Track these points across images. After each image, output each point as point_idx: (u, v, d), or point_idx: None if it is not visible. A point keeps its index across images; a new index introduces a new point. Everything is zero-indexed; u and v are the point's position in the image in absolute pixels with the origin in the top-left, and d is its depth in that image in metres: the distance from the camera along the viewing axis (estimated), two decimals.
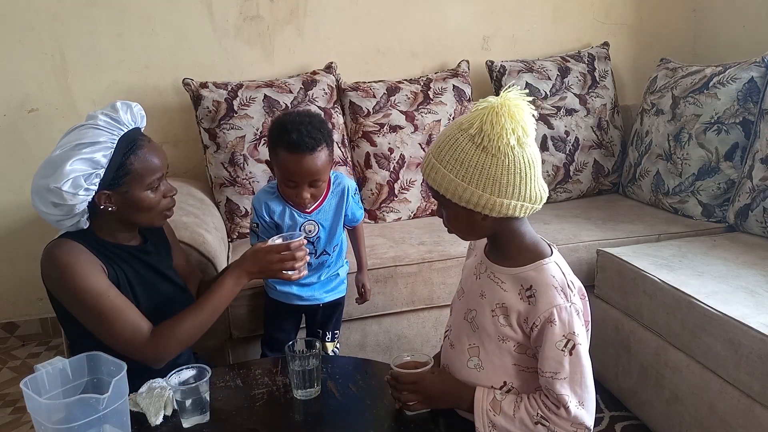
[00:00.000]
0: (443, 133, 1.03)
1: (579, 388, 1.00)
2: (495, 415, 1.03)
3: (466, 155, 0.98)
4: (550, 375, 1.00)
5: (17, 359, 2.49)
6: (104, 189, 1.23)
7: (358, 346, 2.00)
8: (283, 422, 1.16)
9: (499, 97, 0.98)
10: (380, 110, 2.44)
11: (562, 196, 2.62)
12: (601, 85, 2.67)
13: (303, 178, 1.47)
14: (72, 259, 1.21)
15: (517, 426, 1.02)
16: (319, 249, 1.63)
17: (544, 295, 1.00)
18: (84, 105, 2.47)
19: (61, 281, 1.22)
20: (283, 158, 1.47)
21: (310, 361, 1.19)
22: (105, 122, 1.22)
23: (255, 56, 2.57)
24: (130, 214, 1.28)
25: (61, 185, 1.16)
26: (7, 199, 2.51)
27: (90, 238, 1.28)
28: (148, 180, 1.26)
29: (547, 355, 1.00)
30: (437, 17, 2.72)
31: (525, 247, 1.06)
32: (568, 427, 1.00)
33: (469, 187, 0.98)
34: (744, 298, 1.59)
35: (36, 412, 0.96)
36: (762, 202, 2.01)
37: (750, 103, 2.15)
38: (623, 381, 1.92)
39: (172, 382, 1.14)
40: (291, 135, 1.44)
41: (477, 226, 1.04)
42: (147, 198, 1.27)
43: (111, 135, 1.22)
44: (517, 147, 0.97)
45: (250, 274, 1.33)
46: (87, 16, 2.40)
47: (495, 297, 1.07)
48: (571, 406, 0.99)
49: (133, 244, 1.36)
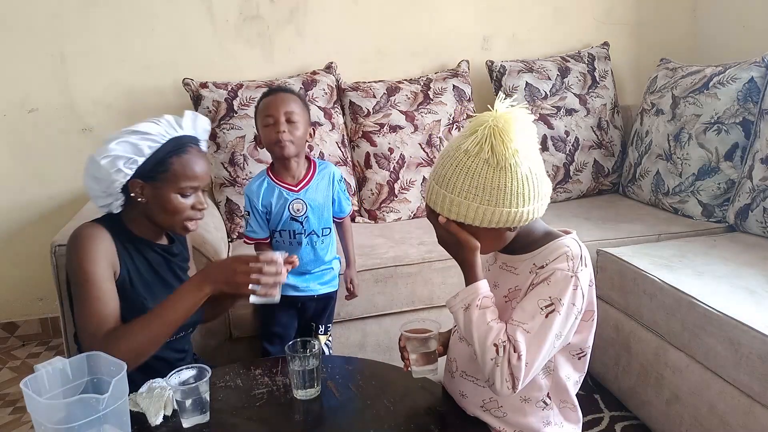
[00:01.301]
0: (447, 165, 1.00)
1: (534, 351, 0.98)
2: (478, 307, 1.02)
3: (485, 180, 0.97)
4: (518, 323, 0.99)
5: (17, 359, 2.49)
6: (139, 177, 1.26)
7: (358, 346, 2.00)
8: (283, 422, 1.16)
9: (495, 112, 0.98)
10: (380, 110, 2.44)
11: (562, 196, 2.62)
12: (601, 85, 2.67)
13: (278, 110, 1.61)
14: (88, 242, 1.23)
15: (480, 329, 1.00)
16: (308, 229, 1.69)
17: (555, 261, 1.01)
18: (84, 105, 2.48)
19: (69, 256, 1.25)
20: (261, 106, 1.65)
21: (310, 361, 1.19)
22: (166, 121, 1.29)
23: (255, 56, 2.57)
24: (155, 212, 1.29)
25: (100, 159, 1.22)
26: (8, 199, 2.51)
27: (119, 228, 1.30)
28: (181, 184, 1.27)
29: (525, 306, 1.00)
30: (437, 17, 2.72)
31: (539, 237, 1.08)
32: (506, 374, 0.97)
33: (497, 209, 0.98)
34: (744, 298, 1.59)
35: (36, 412, 0.96)
36: (762, 202, 2.00)
37: (750, 103, 2.15)
38: (623, 381, 1.92)
39: (172, 382, 1.14)
40: (268, 91, 1.69)
41: (504, 238, 1.06)
42: (175, 200, 1.28)
43: (164, 132, 1.27)
44: (528, 155, 0.98)
45: (214, 282, 1.21)
46: (87, 16, 2.40)
47: (507, 284, 1.08)
48: (523, 356, 0.97)
49: (160, 243, 1.38)
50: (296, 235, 1.69)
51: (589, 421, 1.91)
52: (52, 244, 1.63)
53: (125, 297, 1.26)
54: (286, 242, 1.70)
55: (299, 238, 1.69)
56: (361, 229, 2.32)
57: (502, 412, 1.10)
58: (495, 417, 1.11)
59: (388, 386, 1.25)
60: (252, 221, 1.70)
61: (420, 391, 1.23)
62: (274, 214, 1.69)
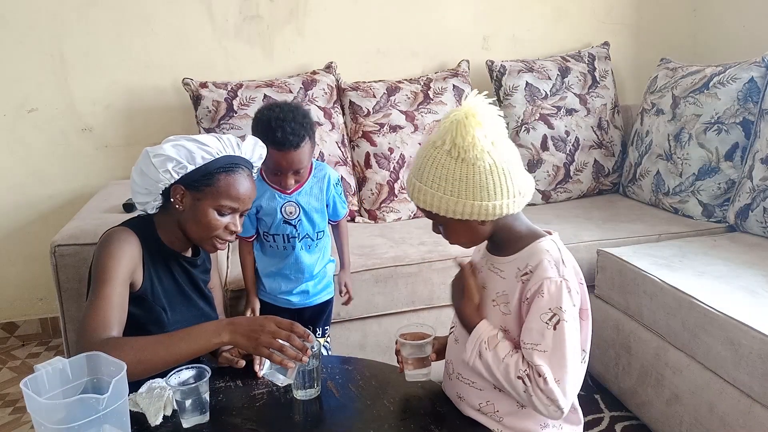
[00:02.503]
0: (420, 155, 1.05)
1: (558, 367, 0.98)
2: (487, 349, 1.03)
3: (447, 171, 1.00)
4: (531, 346, 1.00)
5: (17, 359, 2.49)
6: (184, 184, 1.26)
7: (358, 346, 2.00)
8: (283, 422, 1.15)
9: (462, 107, 1.00)
10: (380, 110, 2.44)
11: (563, 196, 2.62)
12: (601, 84, 2.67)
13: (288, 170, 1.56)
14: (115, 246, 1.23)
15: (500, 370, 1.01)
16: (301, 233, 1.66)
17: (538, 269, 1.02)
18: (84, 105, 2.48)
19: (96, 254, 1.25)
20: (269, 153, 1.53)
21: (310, 361, 1.19)
22: (227, 139, 1.29)
23: (255, 56, 2.57)
24: (189, 223, 1.28)
25: (152, 156, 1.22)
26: (8, 199, 2.51)
27: (149, 234, 1.30)
28: (222, 201, 1.26)
29: (531, 326, 1.01)
30: (437, 17, 2.72)
31: (521, 236, 1.08)
32: (543, 399, 0.99)
33: (460, 200, 1.00)
34: (744, 298, 1.59)
35: (36, 412, 0.96)
36: (762, 202, 2.00)
37: (750, 103, 2.15)
38: (623, 381, 1.92)
39: (172, 382, 1.14)
40: (276, 133, 1.49)
41: (477, 233, 1.07)
42: (211, 216, 1.27)
43: (222, 148, 1.27)
44: (492, 149, 0.99)
45: (234, 333, 1.15)
46: (87, 16, 2.40)
47: (495, 287, 1.09)
48: (549, 378, 0.98)
49: (185, 254, 1.37)
50: (290, 239, 1.65)
51: (589, 421, 1.91)
52: (52, 244, 1.63)
53: (144, 306, 1.26)
54: (279, 247, 1.65)
55: (293, 242, 1.64)
56: (361, 229, 2.32)
57: (498, 416, 1.10)
58: (492, 420, 1.11)
59: (388, 386, 1.25)
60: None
61: (420, 392, 1.23)
62: (266, 217, 1.64)
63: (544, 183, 2.59)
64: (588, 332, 1.10)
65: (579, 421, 1.15)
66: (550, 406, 0.99)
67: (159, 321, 1.28)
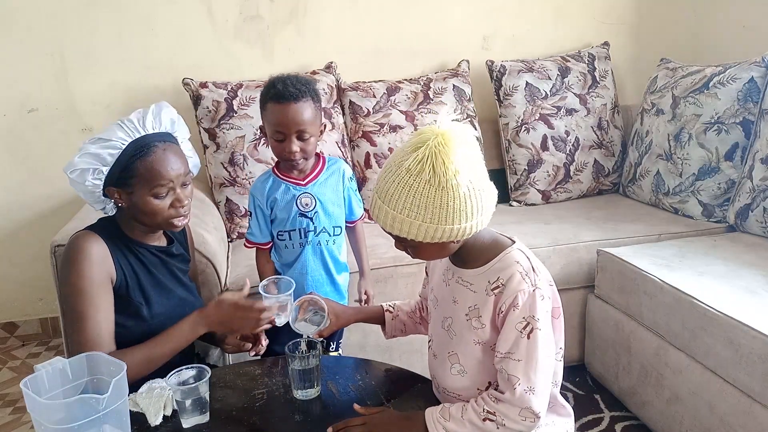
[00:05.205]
0: (389, 180, 0.99)
1: (532, 373, 1.00)
2: (446, 421, 1.04)
3: (427, 199, 0.96)
4: (505, 354, 1.01)
5: (17, 359, 2.49)
6: (112, 185, 1.25)
7: (358, 347, 2.00)
8: (283, 422, 1.16)
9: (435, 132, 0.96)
10: (380, 110, 2.44)
11: (563, 196, 2.62)
12: (601, 84, 2.67)
13: (289, 128, 1.48)
14: (82, 255, 1.21)
15: (468, 428, 1.02)
16: (318, 227, 1.58)
17: (511, 282, 1.02)
18: (84, 105, 2.48)
19: (62, 269, 1.24)
20: (270, 110, 1.51)
21: (310, 361, 1.19)
22: (129, 122, 1.25)
23: (255, 56, 2.57)
24: (138, 214, 1.28)
25: (69, 173, 1.23)
26: (8, 199, 2.51)
27: (114, 231, 1.29)
28: (152, 187, 1.24)
29: (505, 336, 1.02)
30: (437, 17, 2.72)
31: (486, 246, 1.09)
32: (515, 415, 1.00)
33: (439, 226, 0.98)
34: (744, 298, 1.59)
35: (36, 412, 0.96)
36: (762, 202, 2.00)
37: (750, 103, 2.15)
38: (623, 381, 1.92)
39: (172, 382, 1.14)
40: (276, 86, 1.48)
41: (448, 250, 1.07)
42: (151, 203, 1.25)
43: (126, 136, 1.23)
44: (470, 173, 0.97)
45: (210, 324, 1.26)
46: (87, 16, 2.40)
47: (467, 301, 1.09)
48: (518, 388, 0.99)
49: (157, 245, 1.36)
50: (306, 234, 1.56)
51: (589, 421, 1.91)
52: (52, 244, 1.63)
53: (121, 302, 1.26)
54: (295, 246, 1.58)
55: (309, 236, 1.56)
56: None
57: None
58: None
59: (388, 386, 1.25)
60: (253, 223, 1.60)
61: (420, 392, 1.23)
62: (281, 212, 1.56)
63: (544, 183, 2.59)
64: (561, 328, 1.11)
65: (569, 414, 1.17)
66: (526, 419, 1.00)
67: (138, 315, 1.28)
